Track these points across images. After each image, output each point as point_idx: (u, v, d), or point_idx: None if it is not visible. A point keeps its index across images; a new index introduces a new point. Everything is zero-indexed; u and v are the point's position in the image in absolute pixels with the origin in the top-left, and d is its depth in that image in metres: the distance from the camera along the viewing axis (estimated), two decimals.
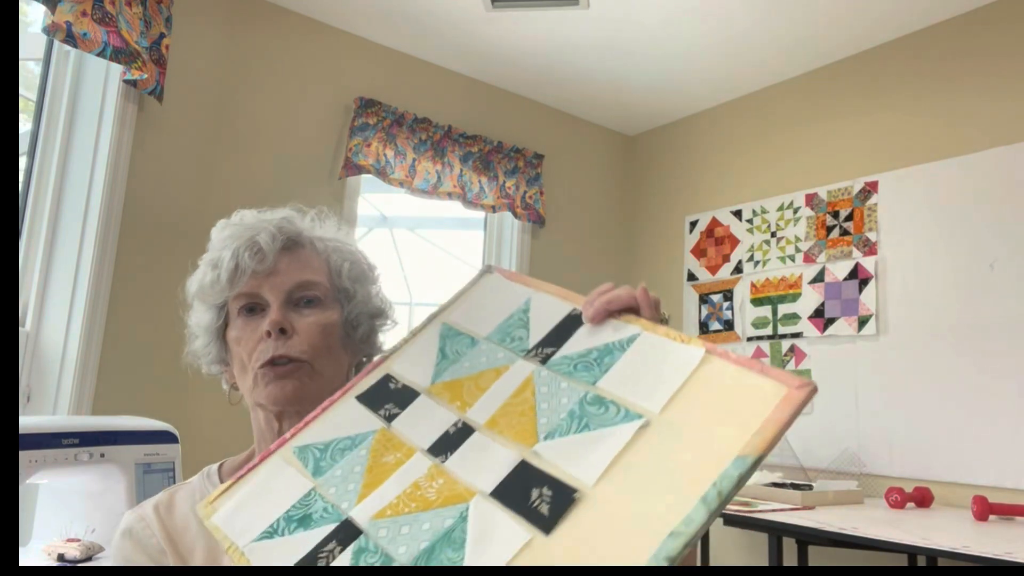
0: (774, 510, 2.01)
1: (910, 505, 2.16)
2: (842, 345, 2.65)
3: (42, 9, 1.98)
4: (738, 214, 3.11)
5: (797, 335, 2.79)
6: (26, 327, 2.09)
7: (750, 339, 2.95)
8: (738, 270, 3.07)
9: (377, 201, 3.00)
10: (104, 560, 1.33)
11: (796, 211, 2.89)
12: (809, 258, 2.81)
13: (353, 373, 0.85)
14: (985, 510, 1.90)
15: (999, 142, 2.35)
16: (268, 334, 0.77)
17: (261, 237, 0.79)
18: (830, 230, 2.76)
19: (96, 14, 2.02)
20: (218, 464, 0.85)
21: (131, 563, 0.75)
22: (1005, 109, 2.35)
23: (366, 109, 2.73)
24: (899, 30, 2.63)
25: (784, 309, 2.85)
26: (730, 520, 2.00)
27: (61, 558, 1.31)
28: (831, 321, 2.69)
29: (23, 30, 2.18)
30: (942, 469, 2.32)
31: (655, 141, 3.60)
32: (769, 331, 2.89)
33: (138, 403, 2.13)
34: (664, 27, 2.67)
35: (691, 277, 3.26)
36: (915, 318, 2.46)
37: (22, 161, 2.14)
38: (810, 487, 2.21)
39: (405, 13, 2.66)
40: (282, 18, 2.65)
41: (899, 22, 2.58)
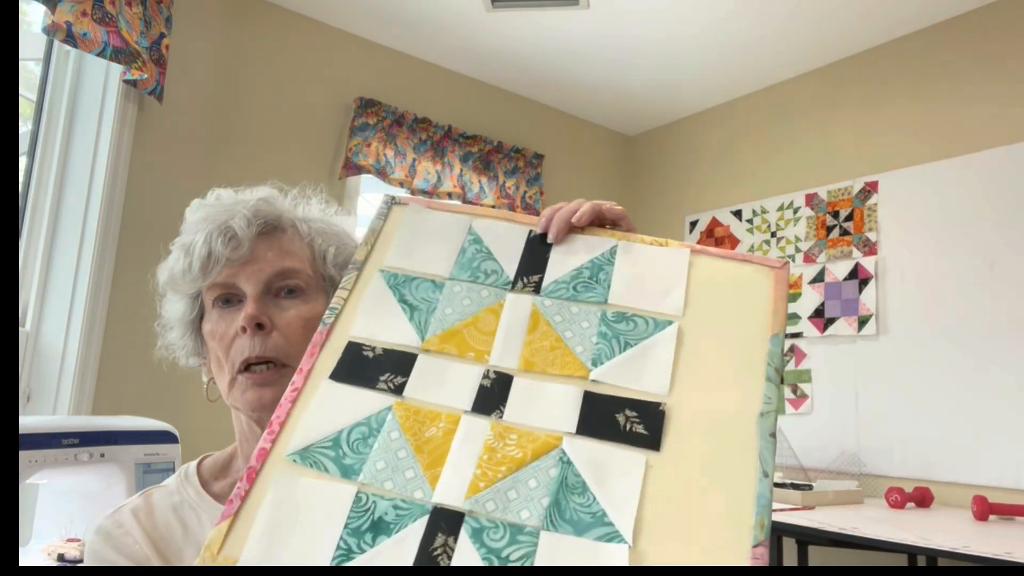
0: (774, 510, 2.01)
1: (910, 505, 2.16)
2: (842, 345, 2.65)
3: (42, 9, 1.98)
4: (738, 214, 3.11)
5: (797, 335, 2.79)
6: (26, 327, 2.09)
7: None
8: None
9: (377, 201, 3.00)
10: None
11: (796, 211, 2.89)
12: (809, 258, 2.80)
13: None
14: (985, 510, 1.90)
15: (999, 142, 2.35)
16: (243, 329, 0.69)
17: (235, 222, 0.72)
18: (830, 230, 2.76)
19: (96, 14, 2.02)
20: (196, 462, 0.78)
21: (109, 563, 0.70)
22: (1005, 109, 2.35)
23: (366, 109, 2.73)
24: (899, 30, 2.63)
25: None
26: None
27: (61, 558, 1.31)
28: (831, 321, 2.69)
29: (23, 30, 2.18)
30: (942, 469, 2.32)
31: (655, 141, 3.59)
32: None
33: (138, 403, 2.13)
34: (664, 27, 2.67)
35: None
36: (915, 318, 2.46)
37: (22, 161, 2.14)
38: (810, 487, 2.21)
39: (405, 13, 2.66)
40: (282, 18, 2.65)
41: (899, 22, 2.58)
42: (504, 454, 0.51)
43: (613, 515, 0.47)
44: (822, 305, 2.73)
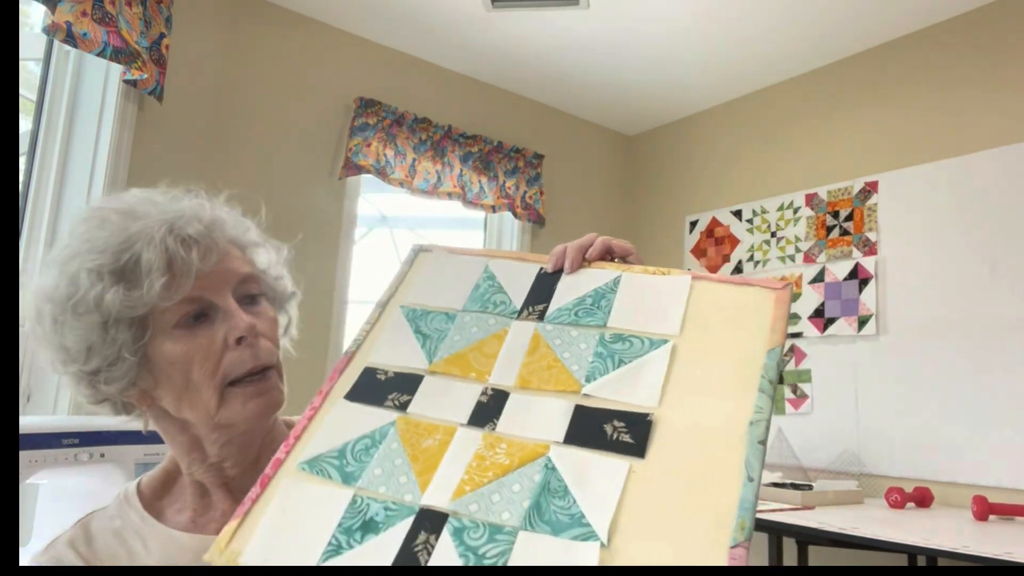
0: (774, 510, 2.01)
1: (910, 505, 2.16)
2: (842, 345, 2.65)
3: (42, 9, 1.98)
4: (738, 214, 3.11)
5: (797, 335, 2.79)
6: (26, 327, 2.09)
7: None
8: (738, 270, 3.07)
9: (377, 201, 3.00)
10: None
11: (796, 211, 2.89)
12: (809, 258, 2.80)
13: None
14: (985, 510, 1.90)
15: (999, 142, 2.35)
16: (238, 341, 0.65)
17: (192, 228, 0.66)
18: (830, 230, 2.76)
19: (96, 14, 2.02)
20: (135, 483, 0.74)
21: None
22: (1005, 109, 2.35)
23: (366, 109, 2.73)
24: (899, 30, 2.63)
25: None
26: None
27: None
28: (831, 321, 2.69)
29: (23, 30, 2.18)
30: (942, 469, 2.32)
31: (655, 141, 3.59)
32: None
33: None
34: (664, 27, 2.67)
35: None
36: (915, 318, 2.46)
37: (22, 161, 2.14)
38: (810, 487, 2.21)
39: (405, 13, 2.66)
40: (282, 18, 2.65)
41: (899, 22, 2.58)
42: (492, 461, 0.53)
43: (590, 515, 0.48)
44: (822, 305, 2.73)
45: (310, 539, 0.51)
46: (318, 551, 0.51)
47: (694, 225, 3.30)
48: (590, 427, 0.53)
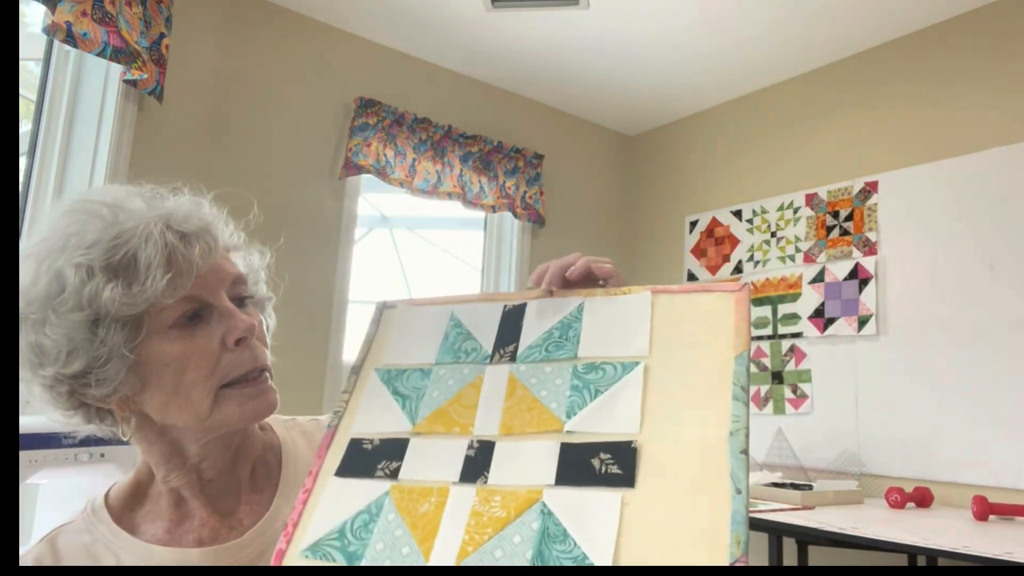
0: (774, 510, 2.01)
1: (910, 505, 2.16)
2: (842, 345, 2.65)
3: (42, 9, 1.98)
4: (738, 214, 3.11)
5: (797, 335, 2.79)
6: None
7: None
8: (738, 270, 3.07)
9: (377, 201, 3.00)
10: None
11: (796, 211, 2.89)
12: (809, 258, 2.80)
13: None
14: (985, 510, 1.90)
15: (999, 142, 2.35)
16: (238, 342, 0.65)
17: (190, 225, 0.65)
18: (830, 230, 2.76)
19: (96, 14, 2.02)
20: (103, 494, 0.73)
21: None
22: (1005, 109, 2.35)
23: (366, 109, 2.73)
24: (899, 30, 2.63)
25: (784, 309, 2.85)
26: None
27: None
28: (831, 321, 2.69)
29: (23, 30, 2.18)
30: (942, 469, 2.32)
31: (655, 141, 3.59)
32: (769, 331, 2.89)
33: None
34: (664, 27, 2.67)
35: (691, 277, 3.26)
36: (915, 318, 2.46)
37: (22, 161, 2.14)
38: (810, 487, 2.21)
39: (405, 13, 2.66)
40: (282, 18, 2.65)
41: (899, 22, 2.58)
42: (489, 516, 0.53)
43: (592, 556, 0.49)
44: (822, 305, 2.73)
45: None
46: None
47: (694, 225, 3.30)
48: (578, 464, 0.54)
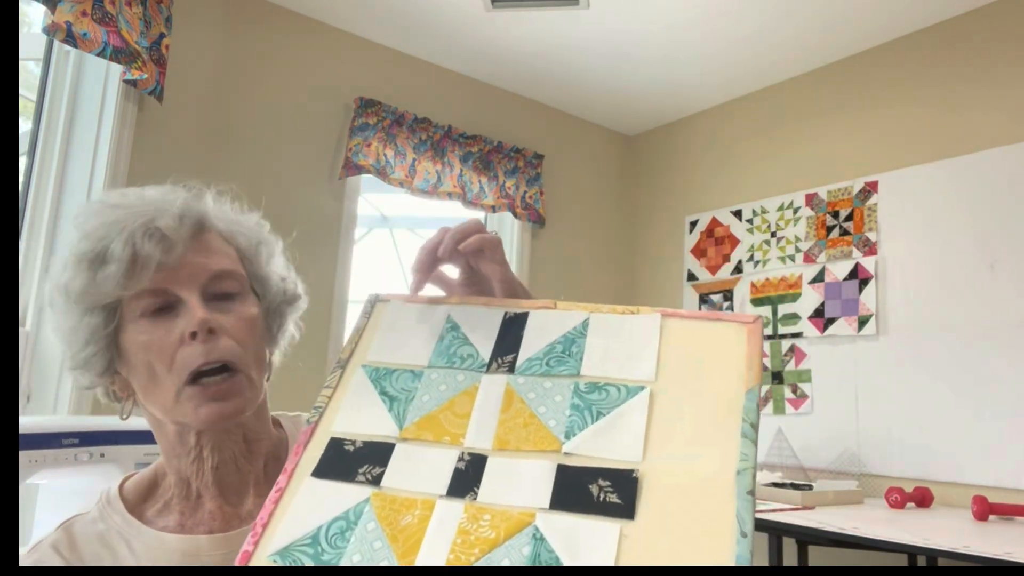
0: (774, 510, 2.01)
1: (910, 505, 2.16)
2: (842, 345, 2.65)
3: (42, 9, 1.98)
4: (738, 214, 3.11)
5: (797, 335, 2.79)
6: (26, 327, 2.09)
7: None
8: (738, 270, 3.07)
9: (377, 201, 3.00)
10: None
11: (796, 211, 2.89)
12: (809, 258, 2.80)
13: (268, 371, 0.74)
14: (985, 510, 1.90)
15: (999, 142, 2.35)
16: (192, 336, 0.64)
17: (163, 222, 0.66)
18: (830, 230, 2.76)
19: (96, 14, 2.02)
20: (118, 484, 0.73)
21: None
22: (1005, 109, 2.35)
23: (366, 109, 2.73)
24: (899, 30, 2.63)
25: (784, 309, 2.85)
26: None
27: None
28: (831, 321, 2.69)
29: (23, 30, 2.18)
30: (942, 469, 2.32)
31: (655, 141, 3.59)
32: (769, 331, 2.89)
33: None
34: (664, 27, 2.67)
35: (691, 277, 3.26)
36: (915, 318, 2.46)
37: (22, 161, 2.14)
38: (810, 487, 2.21)
39: (405, 13, 2.66)
40: (282, 18, 2.65)
41: (899, 22, 2.58)
42: (477, 536, 0.50)
43: None
44: (822, 305, 2.73)
45: None
46: None
47: (694, 225, 3.30)
48: (575, 488, 0.51)
